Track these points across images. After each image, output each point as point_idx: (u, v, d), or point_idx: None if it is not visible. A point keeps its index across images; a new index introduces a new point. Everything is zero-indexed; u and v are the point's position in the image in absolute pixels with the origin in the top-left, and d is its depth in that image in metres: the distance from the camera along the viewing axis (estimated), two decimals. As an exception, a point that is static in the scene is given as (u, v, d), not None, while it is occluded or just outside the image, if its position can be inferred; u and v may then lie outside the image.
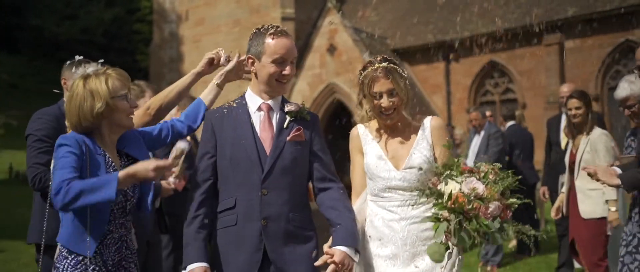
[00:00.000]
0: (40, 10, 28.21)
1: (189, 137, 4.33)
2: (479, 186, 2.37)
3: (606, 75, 15.13)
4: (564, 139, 6.13)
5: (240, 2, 19.37)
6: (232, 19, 19.43)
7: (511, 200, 2.45)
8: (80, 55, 3.34)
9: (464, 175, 2.43)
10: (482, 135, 7.89)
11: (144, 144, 2.73)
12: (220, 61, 2.90)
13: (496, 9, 16.39)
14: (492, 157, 7.26)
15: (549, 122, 7.09)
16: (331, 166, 2.75)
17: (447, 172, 2.46)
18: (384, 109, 2.70)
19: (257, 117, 2.70)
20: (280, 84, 2.68)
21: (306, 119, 2.73)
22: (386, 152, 2.76)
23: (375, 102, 2.70)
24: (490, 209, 2.35)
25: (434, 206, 2.43)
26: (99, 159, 2.50)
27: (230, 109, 2.72)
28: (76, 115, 2.52)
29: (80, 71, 3.02)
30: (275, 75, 2.64)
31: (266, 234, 2.56)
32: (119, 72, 2.62)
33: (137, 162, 2.49)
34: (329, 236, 2.59)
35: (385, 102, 2.68)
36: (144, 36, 27.60)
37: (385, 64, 2.70)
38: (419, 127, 2.79)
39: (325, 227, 2.73)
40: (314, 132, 2.74)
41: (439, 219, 2.39)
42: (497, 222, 2.35)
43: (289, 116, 2.70)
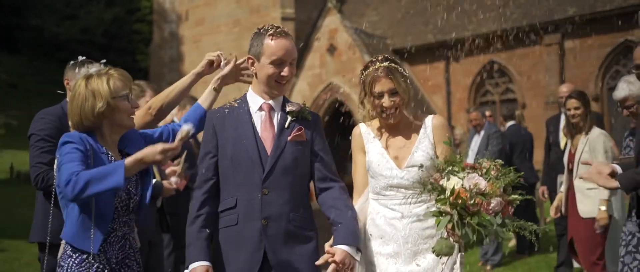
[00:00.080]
0: (40, 10, 28.19)
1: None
2: (481, 182, 2.37)
3: (606, 75, 15.11)
4: (563, 139, 6.15)
5: (240, 2, 19.37)
6: (232, 19, 19.43)
7: (513, 196, 2.45)
8: (80, 55, 3.35)
9: (466, 171, 2.43)
10: (482, 135, 7.91)
11: (144, 145, 2.74)
12: (220, 65, 2.92)
13: (496, 9, 16.38)
14: (492, 157, 7.26)
15: (548, 122, 7.10)
16: (332, 166, 2.75)
17: (449, 168, 2.46)
18: (385, 109, 2.71)
19: (258, 117, 2.70)
20: (279, 84, 2.67)
21: (307, 119, 2.73)
22: (388, 151, 2.77)
23: (376, 101, 2.71)
24: (492, 204, 2.36)
25: (437, 202, 2.43)
26: (103, 157, 2.53)
27: (231, 109, 2.72)
28: (78, 114, 2.54)
29: (83, 71, 3.06)
30: (273, 76, 2.64)
31: (267, 234, 2.56)
32: (121, 73, 2.64)
33: None
34: (330, 236, 2.60)
35: (386, 101, 2.69)
36: (144, 36, 27.58)
37: (386, 64, 2.71)
38: (420, 126, 2.80)
39: (326, 227, 2.73)
40: (315, 132, 2.74)
41: (441, 214, 2.40)
42: (498, 218, 2.36)
43: (290, 116, 2.70)
